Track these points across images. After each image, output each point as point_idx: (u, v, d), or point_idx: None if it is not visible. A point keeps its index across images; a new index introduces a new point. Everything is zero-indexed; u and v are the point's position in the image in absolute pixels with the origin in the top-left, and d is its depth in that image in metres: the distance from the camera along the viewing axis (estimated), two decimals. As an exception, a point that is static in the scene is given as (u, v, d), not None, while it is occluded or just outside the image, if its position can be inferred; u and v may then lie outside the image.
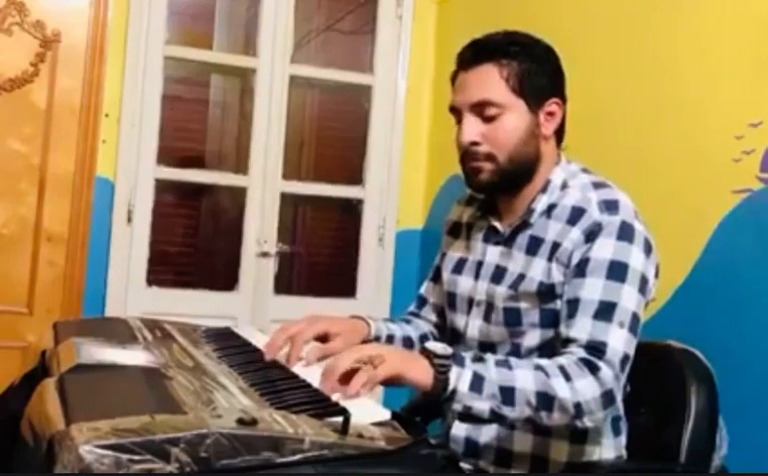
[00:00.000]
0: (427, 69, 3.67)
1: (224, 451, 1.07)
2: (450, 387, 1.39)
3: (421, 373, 1.39)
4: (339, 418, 1.19)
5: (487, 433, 1.58)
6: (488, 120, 1.57)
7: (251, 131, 3.50)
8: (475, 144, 1.57)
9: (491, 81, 1.56)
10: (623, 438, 1.62)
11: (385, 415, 1.29)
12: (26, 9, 3.15)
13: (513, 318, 1.58)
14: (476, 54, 1.59)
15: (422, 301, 1.86)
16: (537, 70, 1.57)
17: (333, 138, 4.13)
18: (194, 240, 3.97)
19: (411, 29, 3.67)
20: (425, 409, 1.73)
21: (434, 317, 1.83)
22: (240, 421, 1.12)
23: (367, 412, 1.28)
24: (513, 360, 1.46)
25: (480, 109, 1.57)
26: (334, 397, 1.33)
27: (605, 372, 1.43)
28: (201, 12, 3.87)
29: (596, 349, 1.45)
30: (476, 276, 1.66)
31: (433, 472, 1.21)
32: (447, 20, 3.63)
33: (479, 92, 1.57)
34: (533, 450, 1.56)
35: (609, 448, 1.59)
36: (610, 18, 2.64)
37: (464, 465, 1.59)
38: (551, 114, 1.60)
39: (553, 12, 2.87)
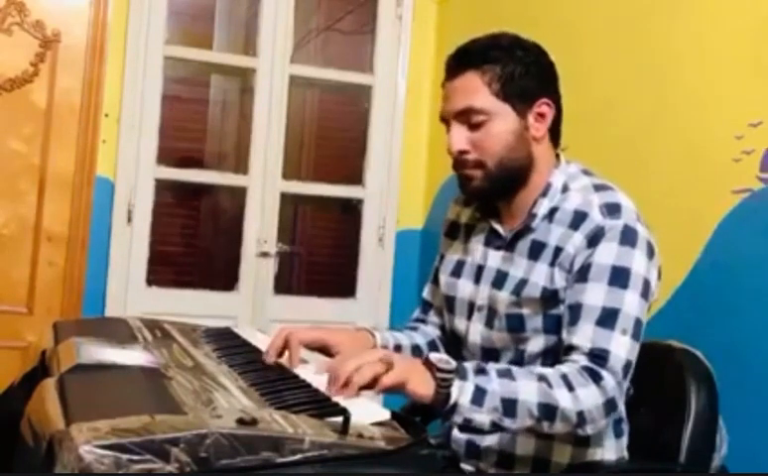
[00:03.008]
0: (427, 69, 3.67)
1: (224, 451, 1.07)
2: (452, 400, 1.38)
3: (422, 386, 1.38)
4: (339, 418, 1.19)
5: (489, 436, 1.56)
6: (475, 127, 1.56)
7: (251, 131, 3.50)
8: (464, 152, 1.57)
9: (474, 88, 1.55)
10: (625, 439, 1.62)
11: (385, 415, 1.29)
12: (26, 9, 3.15)
13: (516, 324, 1.57)
14: (459, 61, 1.59)
15: (426, 306, 1.83)
16: (521, 72, 1.56)
17: (333, 138, 4.14)
18: (194, 240, 3.98)
19: (411, 29, 3.67)
20: (425, 409, 1.73)
21: (439, 320, 1.80)
22: (240, 421, 1.12)
23: (367, 412, 1.28)
24: (515, 370, 1.45)
25: (466, 117, 1.56)
26: (335, 396, 1.33)
27: (608, 380, 1.43)
28: (201, 12, 3.87)
29: (599, 357, 1.44)
30: (477, 280, 1.65)
31: (433, 472, 1.21)
32: (447, 20, 3.63)
33: (463, 100, 1.56)
34: (535, 453, 1.55)
35: (611, 450, 1.59)
36: (610, 18, 2.64)
37: (466, 467, 1.59)
38: (541, 115, 1.58)
39: (553, 12, 2.87)
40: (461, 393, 1.38)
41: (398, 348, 1.72)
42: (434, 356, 1.41)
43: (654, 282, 1.53)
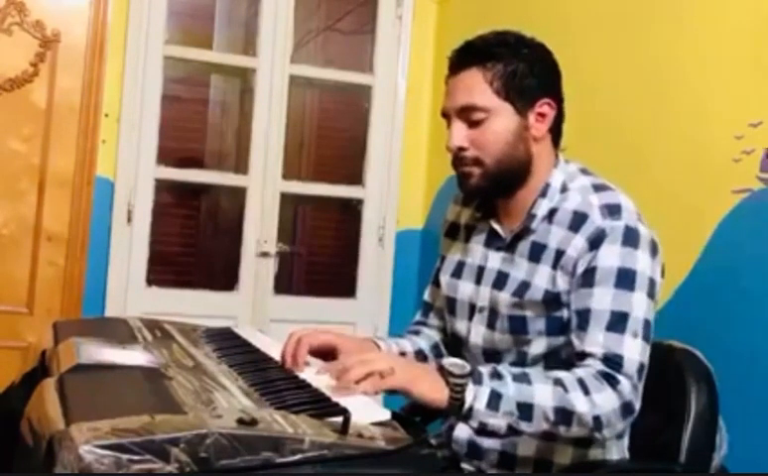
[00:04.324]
0: (427, 69, 3.67)
1: (224, 451, 1.07)
2: (467, 406, 1.40)
3: (432, 391, 1.40)
4: (339, 418, 1.19)
5: (491, 436, 1.56)
6: (475, 125, 1.55)
7: (251, 131, 3.50)
8: (463, 149, 1.57)
9: (476, 86, 1.55)
10: (626, 440, 1.62)
11: (385, 414, 1.29)
12: (26, 9, 3.15)
13: (518, 326, 1.57)
14: (462, 57, 1.58)
15: (427, 308, 1.83)
16: (524, 71, 1.55)
17: (333, 138, 4.13)
18: (194, 240, 3.97)
19: (411, 29, 3.67)
20: (425, 408, 1.73)
21: (440, 323, 1.80)
22: (240, 421, 1.12)
23: (367, 412, 1.28)
24: (531, 374, 1.46)
25: (466, 114, 1.56)
26: (338, 388, 1.34)
27: (624, 384, 1.43)
28: (201, 12, 3.86)
29: (613, 362, 1.44)
30: (477, 281, 1.64)
31: (433, 472, 1.21)
32: (447, 20, 3.63)
33: (464, 97, 1.56)
34: (537, 454, 1.55)
35: (613, 451, 1.59)
36: (611, 18, 2.64)
37: (467, 467, 1.59)
38: (542, 115, 1.58)
39: (553, 12, 2.87)
40: (477, 397, 1.40)
41: (402, 355, 1.72)
42: (447, 361, 1.43)
43: (659, 280, 1.53)
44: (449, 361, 1.43)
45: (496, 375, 1.44)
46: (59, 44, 3.19)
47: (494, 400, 1.41)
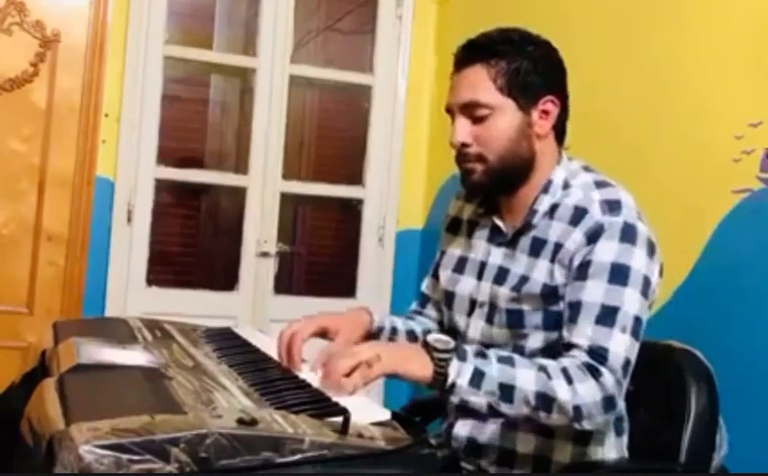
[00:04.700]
0: (427, 69, 3.67)
1: (224, 451, 1.07)
2: (450, 381, 1.41)
3: (420, 369, 1.42)
4: (339, 418, 1.19)
5: (490, 433, 1.57)
6: (478, 121, 1.56)
7: (251, 131, 3.50)
8: (466, 145, 1.58)
9: (479, 82, 1.56)
10: (625, 438, 1.62)
11: (385, 414, 1.29)
12: (26, 9, 3.15)
13: (516, 320, 1.57)
14: (466, 54, 1.59)
15: (424, 299, 1.85)
16: (528, 69, 1.56)
17: (333, 138, 4.13)
18: (194, 240, 3.97)
19: (411, 29, 3.67)
20: (425, 408, 1.73)
21: (437, 314, 1.82)
22: (240, 422, 1.12)
23: (367, 412, 1.28)
24: (516, 358, 1.47)
25: (470, 110, 1.57)
26: (334, 397, 1.34)
27: (607, 378, 1.43)
28: (201, 12, 3.86)
29: (598, 354, 1.44)
30: (479, 276, 1.65)
31: (433, 472, 1.21)
32: (447, 20, 3.63)
33: (468, 93, 1.57)
34: (535, 451, 1.56)
35: (612, 449, 1.59)
36: (611, 18, 2.64)
37: (466, 465, 1.59)
38: (545, 112, 1.58)
39: (553, 12, 2.87)
40: (460, 374, 1.41)
41: (394, 331, 1.75)
42: (431, 337, 1.44)
43: (655, 279, 1.53)
44: (434, 337, 1.44)
45: (481, 354, 1.45)
46: (59, 44, 3.19)
47: (477, 377, 1.41)
